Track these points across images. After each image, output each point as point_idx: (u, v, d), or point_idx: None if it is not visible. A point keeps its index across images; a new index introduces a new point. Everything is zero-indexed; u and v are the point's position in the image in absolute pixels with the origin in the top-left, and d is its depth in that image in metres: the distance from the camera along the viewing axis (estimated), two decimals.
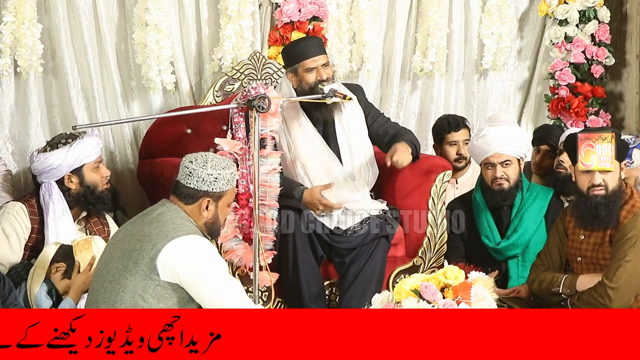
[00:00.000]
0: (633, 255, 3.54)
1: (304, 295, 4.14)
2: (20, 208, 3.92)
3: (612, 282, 3.54)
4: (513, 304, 3.95)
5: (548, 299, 3.80)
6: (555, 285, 3.74)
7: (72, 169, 3.97)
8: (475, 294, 3.18)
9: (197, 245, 3.13)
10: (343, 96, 4.21)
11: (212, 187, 3.24)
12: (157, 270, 3.06)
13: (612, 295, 3.53)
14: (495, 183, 4.31)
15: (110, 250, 3.24)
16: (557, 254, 3.87)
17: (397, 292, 3.26)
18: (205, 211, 3.25)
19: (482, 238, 4.37)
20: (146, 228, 3.15)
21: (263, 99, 3.82)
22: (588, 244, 3.73)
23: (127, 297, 3.07)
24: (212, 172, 3.24)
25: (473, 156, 4.53)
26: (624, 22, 5.85)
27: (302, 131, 4.34)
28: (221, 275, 3.13)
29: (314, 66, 4.30)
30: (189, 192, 3.24)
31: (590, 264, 3.72)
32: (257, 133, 3.82)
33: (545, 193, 4.40)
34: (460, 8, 5.61)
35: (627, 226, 3.59)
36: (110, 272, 3.14)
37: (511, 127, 4.40)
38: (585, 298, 3.62)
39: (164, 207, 3.24)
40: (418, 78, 5.60)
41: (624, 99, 5.88)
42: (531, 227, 4.32)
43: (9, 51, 4.75)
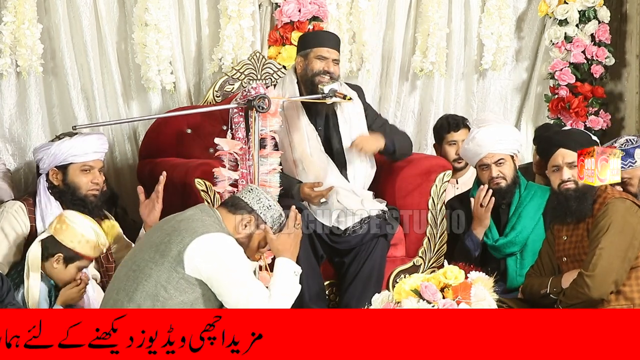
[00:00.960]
0: (606, 242, 3.58)
1: (304, 295, 4.13)
2: (19, 207, 3.92)
3: (589, 270, 3.57)
4: (513, 304, 3.95)
5: (540, 302, 3.82)
6: (543, 287, 3.78)
7: (58, 165, 3.95)
8: (475, 294, 3.19)
9: (224, 243, 3.16)
10: (343, 96, 4.21)
11: (262, 212, 3.33)
12: (183, 264, 3.10)
13: (590, 283, 3.56)
14: (493, 183, 4.32)
15: (139, 243, 3.30)
16: (548, 261, 3.91)
17: (397, 292, 3.26)
18: (243, 228, 3.30)
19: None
20: (176, 224, 3.21)
21: (263, 99, 3.83)
22: (570, 242, 3.77)
23: (149, 286, 3.09)
24: (270, 200, 3.36)
25: (467, 159, 4.55)
26: (624, 22, 5.85)
27: (303, 131, 4.35)
28: (245, 275, 3.15)
29: (326, 56, 4.36)
30: (240, 204, 3.33)
31: (575, 262, 3.76)
32: (257, 133, 3.83)
33: (543, 191, 4.41)
34: (459, 8, 5.61)
35: (599, 216, 3.65)
36: (135, 262, 3.18)
37: (500, 126, 4.41)
38: (568, 292, 3.65)
39: (198, 209, 3.31)
40: (417, 78, 5.61)
41: (624, 99, 5.88)
42: (529, 225, 4.32)
43: (9, 51, 4.75)
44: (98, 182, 3.98)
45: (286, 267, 3.27)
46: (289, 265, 3.28)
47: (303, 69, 4.39)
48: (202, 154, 4.59)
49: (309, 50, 4.39)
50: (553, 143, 3.80)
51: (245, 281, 3.14)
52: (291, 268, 3.28)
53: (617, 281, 3.59)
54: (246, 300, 3.10)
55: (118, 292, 3.16)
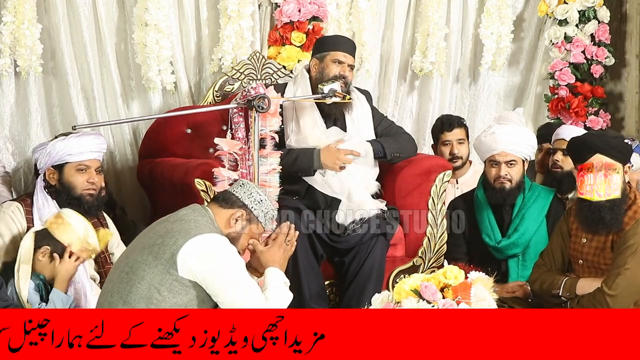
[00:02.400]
0: (633, 263, 3.52)
1: (304, 294, 4.14)
2: (16, 207, 3.91)
3: (610, 289, 3.53)
4: (513, 304, 3.95)
5: (548, 299, 3.80)
6: (556, 288, 3.74)
7: (54, 165, 3.94)
8: (475, 294, 3.18)
9: (217, 243, 3.15)
10: (342, 96, 4.22)
11: (253, 206, 3.30)
12: (176, 266, 3.08)
13: (610, 302, 3.52)
14: (498, 181, 4.32)
15: (132, 245, 3.27)
16: (559, 254, 3.87)
17: (397, 292, 3.25)
18: (234, 223, 3.29)
19: (483, 236, 4.37)
20: (169, 225, 3.19)
21: (263, 99, 3.83)
22: (590, 247, 3.72)
23: (142, 288, 3.08)
24: (261, 195, 3.33)
25: (478, 152, 4.51)
26: (624, 22, 5.86)
27: (312, 123, 4.36)
28: (240, 275, 3.15)
29: (343, 60, 4.39)
30: (231, 198, 3.31)
31: (591, 267, 3.72)
32: (257, 133, 3.83)
33: (547, 193, 4.41)
34: (458, 8, 5.61)
35: (628, 233, 3.58)
36: (128, 264, 3.16)
37: (520, 128, 4.43)
38: (584, 303, 3.62)
39: (190, 209, 3.28)
40: (416, 78, 5.61)
41: (623, 99, 5.88)
42: (532, 227, 4.32)
43: (9, 51, 4.75)
44: (94, 182, 3.96)
45: (276, 277, 3.28)
46: (279, 275, 3.29)
47: (318, 71, 4.40)
48: (202, 154, 4.59)
49: (326, 54, 4.40)
50: (590, 147, 3.69)
51: (240, 281, 3.13)
52: (281, 278, 3.29)
53: (637, 302, 3.56)
54: (242, 300, 3.09)
55: (112, 295, 3.15)
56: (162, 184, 4.52)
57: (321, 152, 4.29)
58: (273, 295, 3.20)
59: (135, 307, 3.06)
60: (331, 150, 4.29)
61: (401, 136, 4.56)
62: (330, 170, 4.30)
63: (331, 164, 4.28)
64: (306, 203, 4.30)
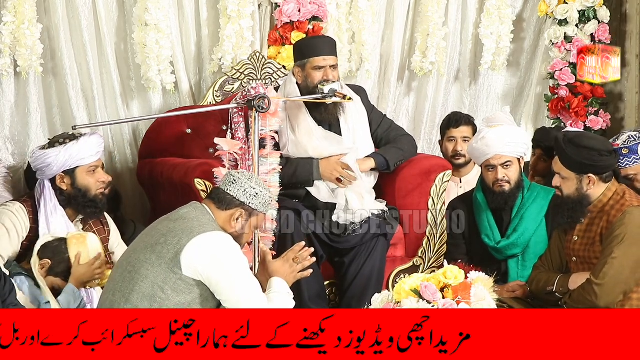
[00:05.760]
0: (619, 252, 3.54)
1: (304, 294, 4.14)
2: (19, 207, 3.91)
3: (598, 278, 3.54)
4: (513, 304, 3.95)
5: (545, 298, 3.81)
6: (550, 285, 3.77)
7: (64, 170, 3.93)
8: (475, 294, 3.18)
9: (221, 241, 3.15)
10: (343, 96, 4.21)
11: (250, 200, 3.28)
12: (180, 265, 3.08)
13: (598, 292, 3.53)
14: (497, 185, 4.30)
15: (134, 244, 3.26)
16: (557, 255, 3.88)
17: (397, 292, 3.26)
18: (235, 222, 3.27)
19: (483, 237, 4.36)
20: (171, 224, 3.18)
21: (263, 99, 3.83)
22: (581, 244, 3.74)
23: (145, 286, 3.08)
24: (255, 187, 3.28)
25: (473, 158, 4.52)
26: (624, 22, 5.85)
27: (307, 131, 4.34)
28: (244, 273, 3.15)
29: (323, 65, 4.31)
30: (227, 199, 3.27)
31: (585, 264, 3.73)
32: (257, 133, 3.83)
33: (546, 193, 4.40)
34: (458, 8, 5.61)
35: (615, 224, 3.60)
36: (130, 263, 3.16)
37: (510, 127, 4.39)
38: (574, 296, 3.63)
39: (191, 207, 3.27)
40: (416, 78, 5.61)
41: (623, 99, 5.88)
42: (531, 227, 4.31)
43: (9, 51, 4.75)
44: (104, 180, 3.98)
45: (281, 284, 3.29)
46: (283, 284, 3.30)
47: (303, 79, 4.36)
48: (202, 154, 4.59)
49: (305, 61, 4.34)
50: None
51: (245, 280, 3.13)
52: (285, 288, 3.29)
53: (625, 291, 3.56)
54: (247, 299, 3.10)
55: (114, 294, 3.15)
56: (162, 184, 4.52)
57: (320, 164, 4.28)
58: (275, 298, 3.20)
59: (137, 306, 3.06)
60: (331, 162, 4.29)
61: (402, 140, 4.52)
62: (328, 182, 4.30)
63: (329, 176, 4.28)
64: (306, 204, 4.29)
